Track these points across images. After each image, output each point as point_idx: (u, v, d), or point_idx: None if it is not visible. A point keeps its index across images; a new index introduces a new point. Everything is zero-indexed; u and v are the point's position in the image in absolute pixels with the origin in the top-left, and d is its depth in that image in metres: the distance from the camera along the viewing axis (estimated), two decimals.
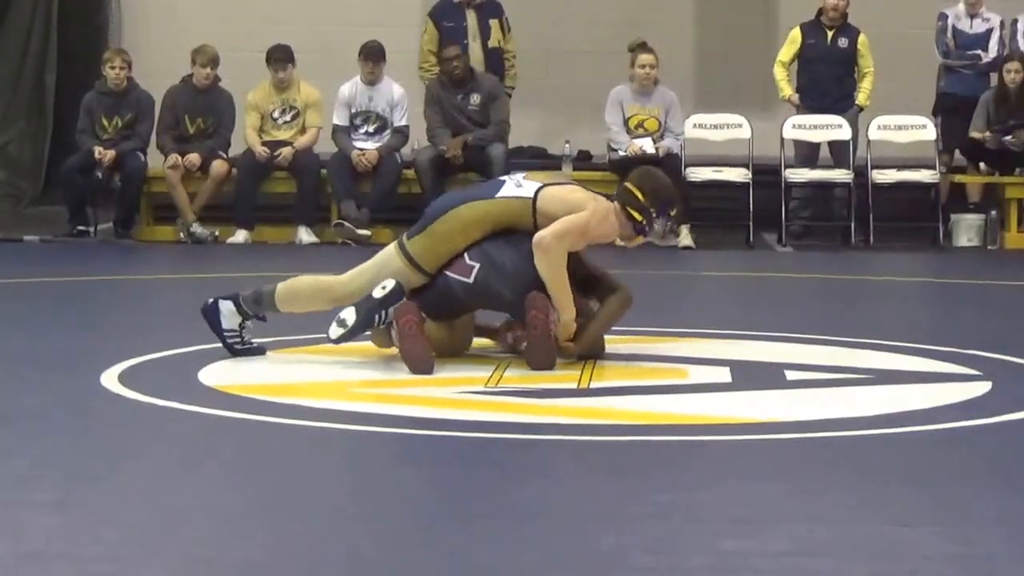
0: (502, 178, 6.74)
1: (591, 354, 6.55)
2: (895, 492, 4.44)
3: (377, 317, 6.27)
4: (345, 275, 6.60)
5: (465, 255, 6.42)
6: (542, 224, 6.40)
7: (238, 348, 6.53)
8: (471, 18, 12.93)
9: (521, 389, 5.96)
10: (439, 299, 6.44)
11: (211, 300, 6.54)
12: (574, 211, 6.42)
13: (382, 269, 6.47)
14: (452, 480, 4.64)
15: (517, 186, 6.54)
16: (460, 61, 12.51)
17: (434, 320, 6.42)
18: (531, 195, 6.47)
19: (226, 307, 6.51)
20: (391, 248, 6.55)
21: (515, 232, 6.45)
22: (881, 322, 8.55)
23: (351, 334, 6.29)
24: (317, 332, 6.95)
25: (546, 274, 6.35)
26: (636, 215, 6.53)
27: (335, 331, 6.28)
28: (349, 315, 6.27)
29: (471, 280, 6.40)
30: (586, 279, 6.64)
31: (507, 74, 13.02)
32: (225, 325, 6.51)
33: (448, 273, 6.43)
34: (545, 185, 6.53)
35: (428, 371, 6.17)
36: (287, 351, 6.75)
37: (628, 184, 6.62)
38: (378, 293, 6.28)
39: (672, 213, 6.59)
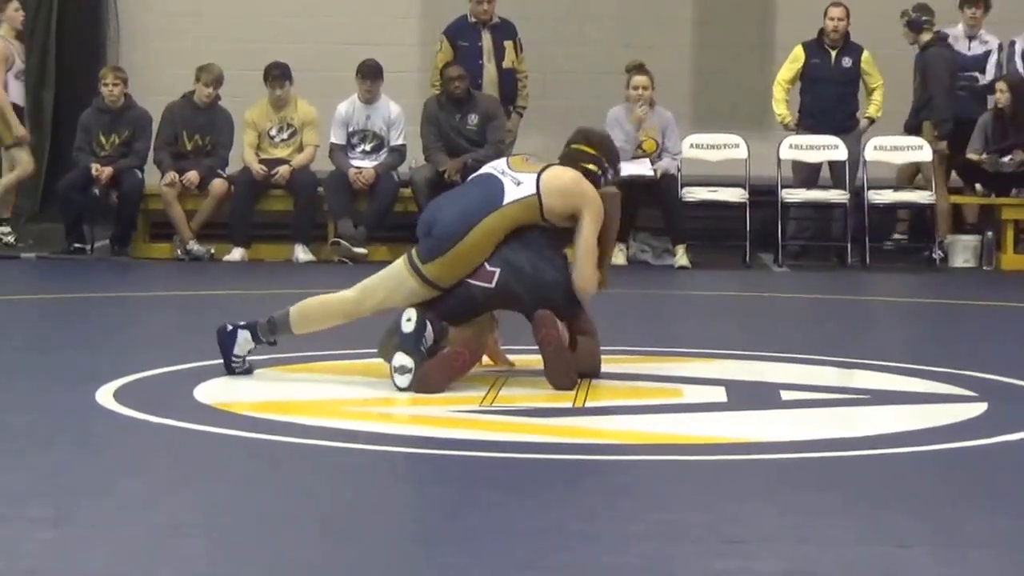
0: (490, 173, 6.70)
1: (591, 373, 6.58)
2: (890, 513, 4.44)
3: (422, 347, 6.29)
4: (354, 291, 6.61)
5: (485, 262, 6.47)
6: (549, 218, 6.51)
7: (237, 371, 6.56)
8: (486, 38, 12.99)
9: (516, 408, 6.00)
10: (460, 305, 6.48)
11: (230, 327, 6.56)
12: (576, 196, 6.52)
13: (396, 289, 6.50)
14: (446, 498, 4.63)
15: (516, 184, 6.56)
16: (462, 81, 12.55)
17: (454, 324, 6.46)
18: (534, 191, 6.52)
19: (243, 336, 6.55)
20: (402, 268, 6.54)
21: (526, 230, 6.52)
22: (877, 342, 8.57)
23: (418, 332, 6.28)
24: (311, 350, 6.98)
25: (584, 287, 6.52)
26: (591, 167, 6.68)
27: (402, 380, 6.26)
28: (405, 360, 6.26)
29: (493, 285, 6.45)
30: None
31: (519, 94, 13.11)
32: (236, 352, 6.55)
33: (470, 281, 6.47)
34: (540, 174, 6.59)
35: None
36: (282, 368, 6.76)
37: (573, 144, 6.79)
38: (408, 328, 6.28)
39: (618, 166, 6.86)
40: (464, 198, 6.68)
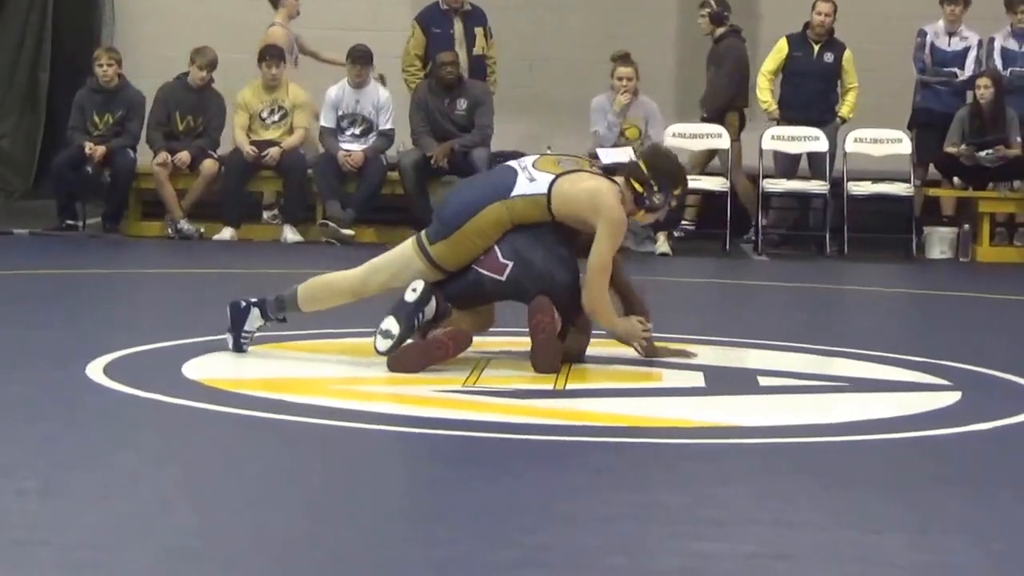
0: (509, 165, 6.67)
1: (576, 358, 6.64)
2: (865, 498, 4.48)
3: (416, 320, 6.34)
4: (360, 270, 6.64)
5: (498, 252, 6.45)
6: (558, 218, 6.44)
7: (244, 348, 6.57)
8: (458, 25, 13.04)
9: (498, 389, 5.99)
10: (467, 291, 6.50)
11: (243, 303, 6.56)
12: (586, 208, 6.42)
13: (403, 269, 6.53)
14: (428, 477, 4.69)
15: (530, 180, 6.49)
16: (454, 67, 12.62)
17: (458, 308, 6.51)
18: (545, 191, 6.44)
19: (254, 312, 6.56)
20: (409, 249, 6.56)
21: (540, 224, 6.48)
22: (854, 331, 8.58)
23: (398, 342, 6.31)
24: (301, 329, 7.03)
25: (593, 308, 6.46)
26: (637, 186, 6.52)
27: (383, 344, 6.29)
28: (392, 325, 6.29)
29: (504, 279, 6.45)
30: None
31: (488, 79, 13.15)
32: (247, 327, 6.55)
33: (481, 270, 6.47)
34: (558, 177, 6.50)
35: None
36: (271, 346, 6.77)
37: (637, 158, 6.74)
38: (411, 296, 6.33)
39: (676, 192, 6.60)
40: (476, 185, 6.73)
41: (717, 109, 13.19)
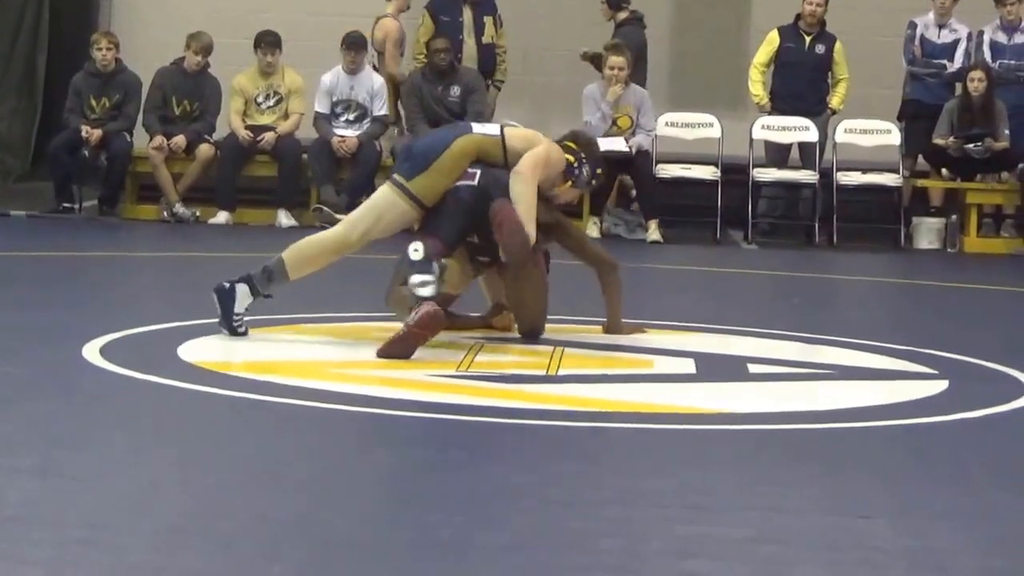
0: (459, 121, 7.21)
1: (617, 331, 6.97)
2: (852, 484, 4.52)
3: (436, 266, 6.40)
4: (342, 226, 6.74)
5: (468, 170, 6.74)
6: (511, 159, 6.76)
7: (240, 332, 6.58)
8: (467, 14, 13.08)
9: (491, 374, 6.04)
10: (450, 213, 6.62)
11: (227, 284, 6.57)
12: (533, 141, 6.86)
13: (384, 212, 6.66)
14: (421, 460, 4.71)
15: (482, 127, 7.00)
16: (447, 53, 12.66)
17: (448, 247, 6.59)
18: (498, 134, 6.84)
19: (241, 290, 6.57)
20: (388, 193, 6.71)
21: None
22: (843, 320, 8.63)
23: (437, 281, 6.39)
24: (297, 312, 7.07)
25: (520, 194, 6.65)
26: (569, 157, 6.95)
27: (427, 291, 6.36)
28: (424, 277, 6.37)
29: (476, 183, 6.68)
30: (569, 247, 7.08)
31: (498, 68, 13.22)
32: (237, 308, 6.56)
33: (456, 184, 6.68)
34: (504, 126, 6.96)
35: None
36: (266, 330, 6.79)
37: (562, 140, 7.10)
38: (417, 256, 6.40)
39: (598, 171, 7.11)
40: (438, 130, 7.33)
41: None
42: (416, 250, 6.41)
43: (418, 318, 6.27)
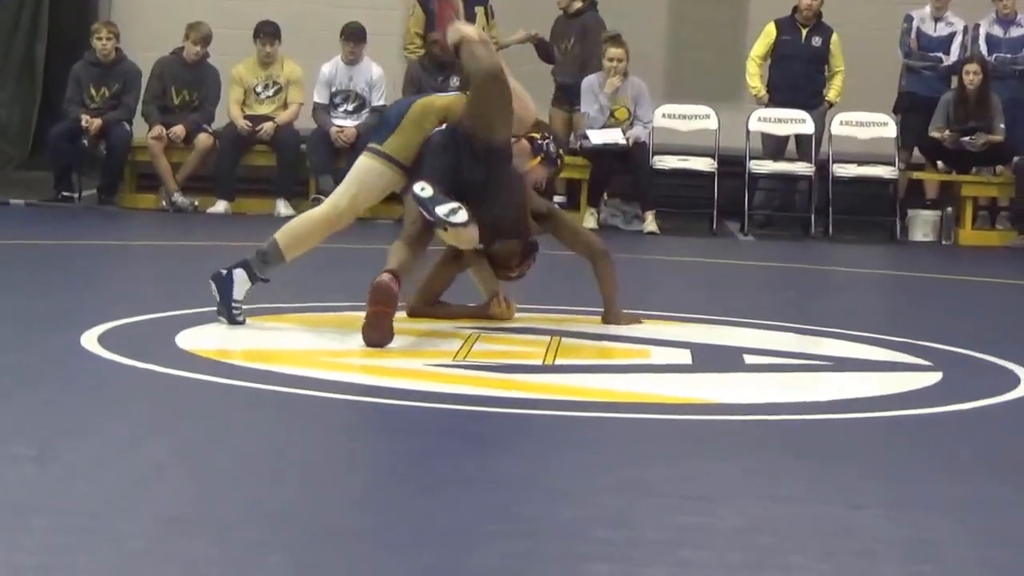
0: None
1: (615, 320, 7.02)
2: (848, 475, 4.52)
3: (446, 201, 6.39)
4: (329, 201, 6.77)
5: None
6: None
7: (238, 320, 6.58)
8: (458, 4, 13.04)
9: (488, 364, 6.03)
10: (431, 155, 6.61)
11: (224, 271, 6.56)
12: None
13: (367, 178, 6.69)
14: (418, 449, 4.69)
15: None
16: None
17: (443, 184, 6.55)
18: (458, 92, 7.04)
19: (239, 276, 6.55)
20: (364, 161, 6.73)
21: None
22: (838, 311, 8.63)
23: (434, 196, 6.39)
24: (295, 301, 7.08)
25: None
26: (534, 133, 7.04)
27: (460, 216, 6.38)
28: (450, 206, 6.39)
29: (444, 128, 6.65)
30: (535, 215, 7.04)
31: None
32: (236, 295, 6.54)
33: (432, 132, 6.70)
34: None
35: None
36: (264, 318, 6.79)
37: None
38: (427, 193, 6.38)
39: (560, 153, 7.25)
40: (404, 98, 7.47)
41: (574, 79, 13.15)
42: (423, 188, 6.41)
43: (368, 298, 6.25)
